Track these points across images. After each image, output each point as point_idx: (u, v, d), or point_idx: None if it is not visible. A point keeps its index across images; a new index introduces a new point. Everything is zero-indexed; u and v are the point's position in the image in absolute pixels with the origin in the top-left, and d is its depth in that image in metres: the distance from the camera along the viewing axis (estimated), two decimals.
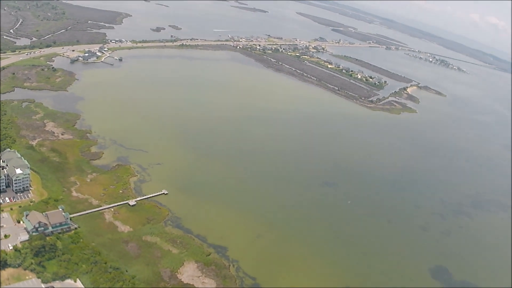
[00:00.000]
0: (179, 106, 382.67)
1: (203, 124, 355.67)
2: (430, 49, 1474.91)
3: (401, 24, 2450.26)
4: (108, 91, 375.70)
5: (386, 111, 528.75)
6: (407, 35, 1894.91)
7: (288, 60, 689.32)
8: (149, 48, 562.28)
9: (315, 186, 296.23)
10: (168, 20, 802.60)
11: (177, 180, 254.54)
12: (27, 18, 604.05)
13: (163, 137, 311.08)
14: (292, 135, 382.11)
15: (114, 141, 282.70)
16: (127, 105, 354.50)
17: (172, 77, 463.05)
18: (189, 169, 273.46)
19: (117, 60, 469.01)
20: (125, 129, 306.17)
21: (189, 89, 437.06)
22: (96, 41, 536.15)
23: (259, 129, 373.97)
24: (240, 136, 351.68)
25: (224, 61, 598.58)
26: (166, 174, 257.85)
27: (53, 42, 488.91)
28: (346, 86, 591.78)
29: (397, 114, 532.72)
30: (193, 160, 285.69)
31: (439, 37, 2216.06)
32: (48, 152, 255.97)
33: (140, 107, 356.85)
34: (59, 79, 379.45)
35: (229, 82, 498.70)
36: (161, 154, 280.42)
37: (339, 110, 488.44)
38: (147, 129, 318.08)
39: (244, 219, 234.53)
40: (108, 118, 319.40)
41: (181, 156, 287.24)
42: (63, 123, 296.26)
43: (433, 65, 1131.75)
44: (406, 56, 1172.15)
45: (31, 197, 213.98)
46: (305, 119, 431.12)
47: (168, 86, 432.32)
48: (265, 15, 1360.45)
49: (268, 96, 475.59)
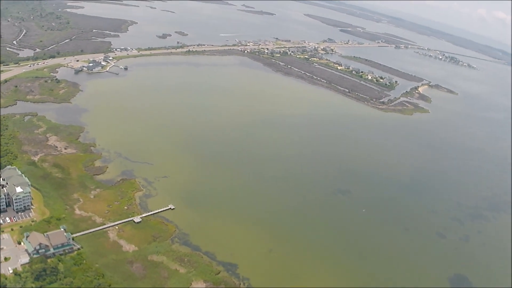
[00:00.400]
0: (186, 114, 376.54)
1: (211, 131, 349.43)
2: (439, 47, 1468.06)
3: (409, 22, 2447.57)
4: (113, 102, 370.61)
5: (398, 112, 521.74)
6: (415, 33, 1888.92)
7: (297, 63, 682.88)
8: (155, 55, 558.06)
9: (327, 194, 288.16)
10: (174, 26, 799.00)
11: (184, 193, 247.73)
12: (30, 28, 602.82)
13: (169, 147, 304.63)
14: (302, 140, 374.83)
15: (119, 154, 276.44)
16: (133, 115, 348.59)
17: (179, 85, 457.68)
18: (197, 180, 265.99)
19: (122, 69, 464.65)
20: (130, 140, 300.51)
21: (196, 96, 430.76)
22: (101, 50, 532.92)
23: (268, 135, 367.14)
24: (249, 143, 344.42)
25: (231, 66, 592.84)
26: (173, 187, 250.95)
27: (57, 52, 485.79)
28: (356, 88, 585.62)
29: (409, 115, 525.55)
30: (201, 171, 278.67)
31: (447, 34, 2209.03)
32: (50, 168, 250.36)
33: (146, 117, 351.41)
34: (63, 90, 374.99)
35: (237, 88, 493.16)
36: (167, 166, 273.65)
37: (350, 113, 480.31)
38: (153, 139, 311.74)
39: (255, 232, 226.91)
40: (113, 130, 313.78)
41: (188, 167, 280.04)
42: (66, 136, 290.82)
43: (443, 62, 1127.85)
44: (416, 54, 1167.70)
45: (32, 217, 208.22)
46: (316, 123, 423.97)
47: (175, 94, 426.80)
48: (273, 17, 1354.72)
49: (277, 100, 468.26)
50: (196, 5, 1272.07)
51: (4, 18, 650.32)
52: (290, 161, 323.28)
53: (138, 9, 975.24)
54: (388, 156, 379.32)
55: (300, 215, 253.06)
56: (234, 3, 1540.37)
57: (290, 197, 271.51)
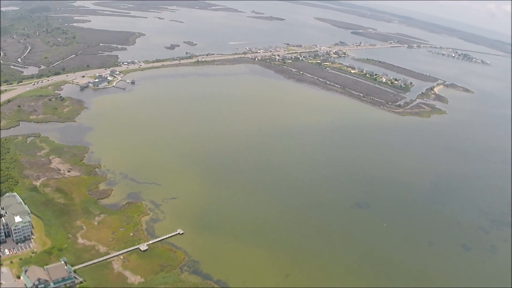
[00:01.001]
0: (196, 128, 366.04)
1: (222, 145, 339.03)
2: (451, 44, 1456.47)
3: (419, 21, 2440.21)
4: (119, 119, 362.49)
5: (415, 115, 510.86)
6: (426, 31, 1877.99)
7: (309, 68, 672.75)
8: (163, 67, 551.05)
9: (346, 208, 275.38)
10: (183, 37, 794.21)
11: (194, 216, 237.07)
12: (36, 45, 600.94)
13: (178, 165, 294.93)
14: (317, 150, 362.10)
15: (124, 175, 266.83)
16: (140, 132, 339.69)
17: (187, 97, 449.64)
18: (207, 201, 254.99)
19: (129, 83, 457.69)
20: (137, 159, 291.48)
21: (206, 108, 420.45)
22: (107, 64, 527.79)
23: (282, 146, 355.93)
24: (263, 156, 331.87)
25: (242, 75, 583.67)
26: (182, 210, 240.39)
27: (62, 69, 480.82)
28: (371, 92, 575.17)
29: (426, 117, 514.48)
30: (212, 190, 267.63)
31: (458, 31, 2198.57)
32: (52, 193, 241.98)
33: (153, 133, 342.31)
34: (67, 109, 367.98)
35: (248, 97, 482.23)
36: (176, 186, 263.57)
37: (366, 119, 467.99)
38: (161, 157, 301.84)
39: (270, 256, 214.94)
40: (119, 149, 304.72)
41: (198, 186, 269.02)
42: (69, 158, 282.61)
43: (456, 60, 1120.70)
44: (429, 53, 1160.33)
45: (32, 247, 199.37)
46: (331, 131, 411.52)
47: (183, 107, 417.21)
48: (283, 23, 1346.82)
49: (290, 109, 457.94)
50: (205, 14, 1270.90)
51: (10, 35, 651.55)
52: (306, 175, 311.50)
53: (146, 20, 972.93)
54: (407, 163, 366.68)
55: (318, 234, 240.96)
56: (243, 10, 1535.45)
57: (307, 215, 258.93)
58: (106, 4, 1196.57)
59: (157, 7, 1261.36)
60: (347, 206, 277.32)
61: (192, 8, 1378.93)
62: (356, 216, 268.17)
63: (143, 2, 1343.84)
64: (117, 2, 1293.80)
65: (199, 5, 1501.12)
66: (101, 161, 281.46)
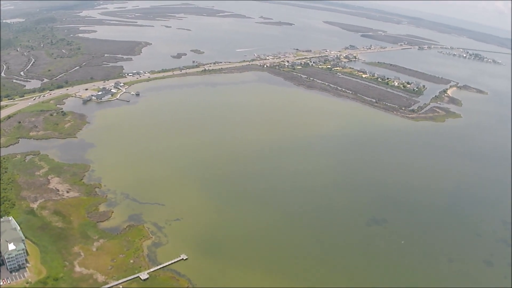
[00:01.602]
0: (201, 143, 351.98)
1: (230, 160, 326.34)
2: (461, 44, 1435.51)
3: (428, 22, 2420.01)
4: (122, 134, 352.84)
5: (429, 120, 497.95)
6: (436, 32, 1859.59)
7: (319, 74, 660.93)
8: (168, 77, 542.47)
9: (361, 225, 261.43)
10: (190, 45, 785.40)
11: (199, 239, 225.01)
12: (39, 57, 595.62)
13: (183, 182, 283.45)
14: (329, 162, 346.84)
15: (126, 195, 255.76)
16: (143, 148, 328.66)
17: (193, 108, 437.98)
18: (214, 222, 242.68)
19: (134, 96, 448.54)
20: (139, 178, 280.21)
21: (213, 120, 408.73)
22: (112, 76, 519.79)
23: (292, 160, 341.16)
24: (271, 170, 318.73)
25: (250, 83, 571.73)
26: (186, 233, 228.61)
27: (65, 82, 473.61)
28: (384, 97, 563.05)
29: (441, 122, 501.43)
30: (219, 211, 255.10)
31: (467, 30, 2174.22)
32: (50, 216, 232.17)
33: (157, 148, 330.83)
34: (69, 124, 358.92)
35: (257, 107, 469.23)
36: (181, 206, 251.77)
37: (379, 126, 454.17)
38: (166, 174, 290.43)
39: (281, 282, 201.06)
40: (121, 166, 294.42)
41: (204, 207, 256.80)
42: (69, 177, 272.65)
43: (467, 60, 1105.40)
44: (440, 54, 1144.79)
45: (27, 277, 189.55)
46: (343, 141, 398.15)
47: (189, 119, 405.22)
48: (292, 28, 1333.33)
49: (300, 118, 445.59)
50: (213, 21, 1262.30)
51: (14, 47, 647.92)
52: (317, 189, 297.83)
53: (152, 29, 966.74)
54: (423, 171, 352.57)
55: (331, 255, 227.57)
56: (251, 15, 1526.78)
57: (320, 235, 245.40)
58: (112, 13, 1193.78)
59: (165, 15, 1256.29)
60: (362, 222, 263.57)
61: (200, 16, 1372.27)
62: (372, 232, 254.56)
63: (150, 11, 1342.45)
64: (124, 11, 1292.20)
65: (206, 12, 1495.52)
66: (101, 180, 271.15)
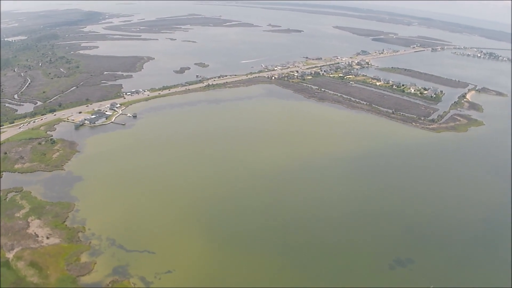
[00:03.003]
0: (202, 174, 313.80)
1: (232, 196, 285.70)
2: (474, 43, 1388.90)
3: (439, 21, 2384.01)
4: (113, 164, 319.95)
5: (451, 130, 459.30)
6: (447, 31, 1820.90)
7: (331, 84, 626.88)
8: (169, 95, 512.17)
9: (383, 268, 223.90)
10: (195, 58, 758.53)
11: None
12: (36, 77, 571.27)
13: (178, 225, 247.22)
14: (345, 189, 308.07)
15: (112, 241, 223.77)
16: (135, 181, 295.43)
17: (194, 131, 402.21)
18: (212, 274, 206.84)
19: (131, 117, 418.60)
20: (129, 218, 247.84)
21: (215, 144, 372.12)
22: (109, 96, 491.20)
23: (303, 189, 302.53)
24: (281, 205, 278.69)
25: (257, 98, 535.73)
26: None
27: (58, 105, 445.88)
28: (400, 106, 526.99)
29: (464, 131, 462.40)
30: (219, 259, 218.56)
31: (478, 28, 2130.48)
32: (25, 269, 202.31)
33: (150, 181, 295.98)
34: (57, 154, 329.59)
35: (264, 126, 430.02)
36: (174, 254, 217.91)
37: (398, 141, 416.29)
38: (158, 214, 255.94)
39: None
40: (109, 204, 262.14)
41: (202, 255, 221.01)
42: (51, 219, 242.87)
43: (482, 60, 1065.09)
44: (454, 55, 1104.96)
45: None
46: (360, 163, 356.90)
47: (189, 145, 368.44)
48: (301, 35, 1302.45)
49: (312, 137, 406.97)
50: (220, 31, 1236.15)
51: (11, 67, 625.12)
52: (332, 224, 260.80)
53: (156, 43, 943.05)
54: (450, 195, 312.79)
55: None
56: (259, 24, 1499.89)
57: (334, 280, 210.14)
58: (117, 27, 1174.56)
59: (170, 27, 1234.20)
60: (385, 264, 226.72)
61: (206, 26, 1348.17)
62: (397, 277, 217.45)
63: (156, 23, 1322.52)
64: (129, 25, 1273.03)
65: (213, 22, 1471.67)
66: (86, 222, 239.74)
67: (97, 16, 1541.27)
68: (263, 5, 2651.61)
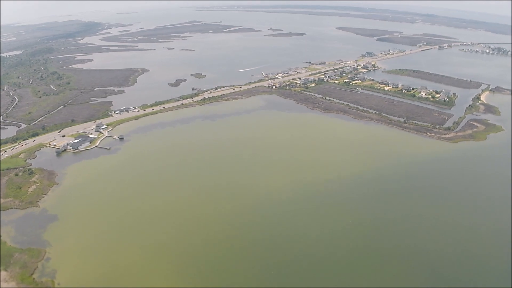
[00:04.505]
0: (194, 212, 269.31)
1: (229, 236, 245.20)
2: (480, 38, 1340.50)
3: (443, 17, 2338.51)
4: (92, 199, 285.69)
5: (469, 139, 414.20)
6: (451, 27, 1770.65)
7: (336, 91, 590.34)
8: (162, 112, 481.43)
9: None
10: (192, 68, 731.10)
11: None
12: (24, 96, 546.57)
13: (163, 274, 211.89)
14: (357, 221, 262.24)
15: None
16: (116, 222, 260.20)
17: (186, 156, 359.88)
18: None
19: (117, 140, 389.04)
20: (106, 272, 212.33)
21: (208, 172, 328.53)
22: (96, 116, 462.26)
23: (306, 224, 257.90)
24: (280, 242, 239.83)
25: (256, 111, 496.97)
26: None
27: (42, 127, 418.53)
28: (412, 113, 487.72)
29: (483, 139, 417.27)
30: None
31: (482, 22, 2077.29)
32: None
33: (135, 223, 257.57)
34: (33, 187, 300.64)
35: (263, 146, 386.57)
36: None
37: (413, 157, 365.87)
38: (141, 261, 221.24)
39: None
40: (84, 252, 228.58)
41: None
42: (18, 271, 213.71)
43: (491, 56, 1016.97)
44: (462, 52, 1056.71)
45: None
46: (371, 186, 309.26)
47: (179, 173, 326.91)
48: (303, 38, 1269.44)
49: (316, 157, 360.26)
50: (219, 38, 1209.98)
51: (2, 85, 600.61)
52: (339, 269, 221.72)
53: (153, 53, 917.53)
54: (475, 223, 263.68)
55: None
56: (260, 28, 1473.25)
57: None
58: (114, 38, 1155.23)
59: (169, 36, 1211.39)
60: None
61: (206, 33, 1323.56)
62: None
63: (154, 32, 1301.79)
64: (127, 35, 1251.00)
65: (213, 29, 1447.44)
66: (56, 274, 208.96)
67: (96, 27, 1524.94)
68: (265, 8, 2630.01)
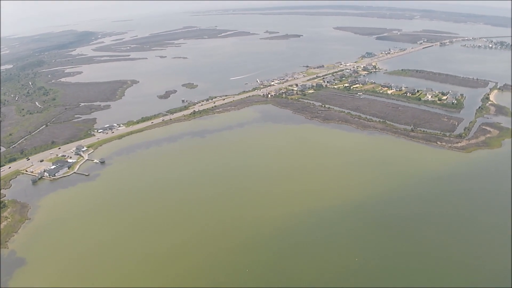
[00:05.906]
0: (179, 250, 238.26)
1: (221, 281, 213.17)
2: (480, 32, 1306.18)
3: (440, 12, 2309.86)
4: (65, 238, 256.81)
5: (483, 147, 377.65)
6: (451, 22, 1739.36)
7: (336, 98, 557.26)
8: (148, 128, 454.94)
9: None
10: (183, 77, 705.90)
11: None
12: (8, 115, 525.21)
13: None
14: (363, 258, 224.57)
15: None
16: (90, 263, 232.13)
17: (171, 181, 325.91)
18: None
19: (98, 164, 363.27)
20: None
21: (194, 200, 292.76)
22: (78, 136, 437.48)
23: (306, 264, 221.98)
24: None
25: (250, 124, 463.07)
26: None
27: (20, 151, 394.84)
28: (419, 119, 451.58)
29: (498, 146, 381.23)
30: None
31: (481, 16, 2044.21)
32: None
33: (112, 265, 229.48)
34: (4, 223, 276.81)
35: (256, 165, 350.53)
36: None
37: (424, 173, 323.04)
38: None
39: None
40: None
41: None
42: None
43: (494, 51, 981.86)
44: (464, 48, 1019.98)
45: None
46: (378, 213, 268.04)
47: (163, 202, 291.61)
48: (300, 40, 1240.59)
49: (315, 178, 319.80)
50: (214, 44, 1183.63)
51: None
52: None
53: (145, 62, 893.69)
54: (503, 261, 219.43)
55: None
56: (256, 31, 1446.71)
57: None
58: (107, 48, 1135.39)
59: (162, 43, 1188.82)
60: None
61: (201, 39, 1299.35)
62: None
63: (148, 40, 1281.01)
64: (120, 43, 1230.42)
65: (208, 34, 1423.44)
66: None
67: (90, 36, 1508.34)
68: (261, 10, 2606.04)
